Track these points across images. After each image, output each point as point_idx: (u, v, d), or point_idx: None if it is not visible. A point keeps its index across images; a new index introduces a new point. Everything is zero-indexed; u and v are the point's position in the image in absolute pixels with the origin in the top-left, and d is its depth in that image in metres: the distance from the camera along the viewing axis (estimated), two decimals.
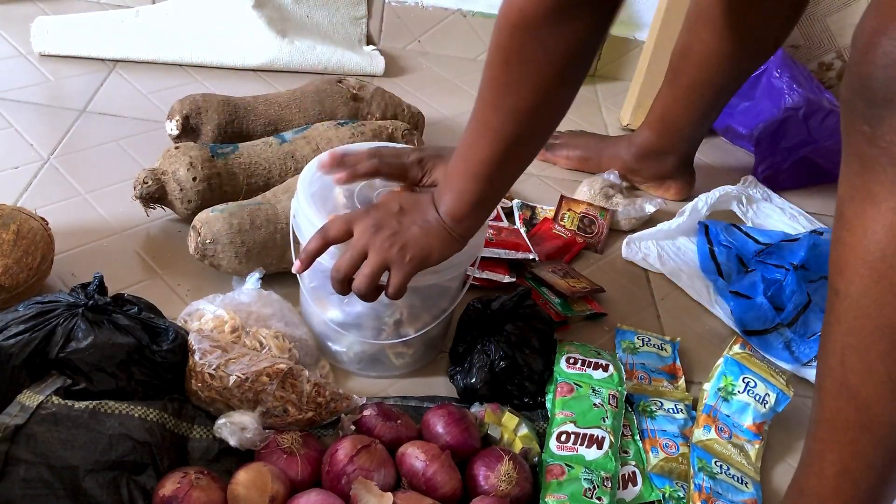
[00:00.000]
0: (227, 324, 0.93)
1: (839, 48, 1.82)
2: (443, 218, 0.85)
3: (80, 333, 0.81)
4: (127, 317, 0.85)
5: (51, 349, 0.81)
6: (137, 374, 0.83)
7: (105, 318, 0.84)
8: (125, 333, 0.83)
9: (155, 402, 0.84)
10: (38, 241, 0.95)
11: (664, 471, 0.93)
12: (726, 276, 1.25)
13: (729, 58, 1.24)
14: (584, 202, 1.33)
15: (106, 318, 0.84)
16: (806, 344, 1.13)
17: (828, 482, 0.76)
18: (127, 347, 0.82)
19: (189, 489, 0.75)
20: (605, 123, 1.65)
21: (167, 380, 0.86)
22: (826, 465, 0.76)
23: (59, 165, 1.22)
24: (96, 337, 0.81)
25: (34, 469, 0.74)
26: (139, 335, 0.84)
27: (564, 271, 1.18)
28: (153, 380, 0.85)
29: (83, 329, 0.82)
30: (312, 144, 1.17)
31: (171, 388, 0.87)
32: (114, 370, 0.82)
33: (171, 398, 0.86)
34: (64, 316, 0.82)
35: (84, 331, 0.81)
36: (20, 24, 1.48)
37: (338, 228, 0.85)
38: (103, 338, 0.82)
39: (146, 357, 0.84)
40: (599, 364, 1.00)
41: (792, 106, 1.55)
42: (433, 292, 0.95)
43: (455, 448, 0.86)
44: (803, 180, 1.56)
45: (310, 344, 0.99)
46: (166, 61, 1.50)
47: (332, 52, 1.60)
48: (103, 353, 0.81)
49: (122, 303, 0.88)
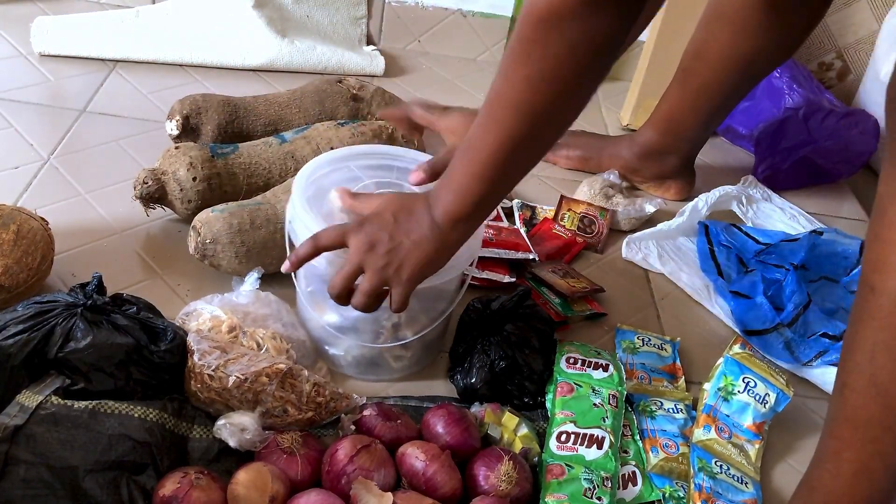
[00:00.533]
0: (225, 323, 0.93)
1: (839, 48, 1.82)
2: (438, 221, 0.83)
3: (79, 333, 0.81)
4: (125, 317, 0.85)
5: (49, 349, 0.81)
6: (136, 374, 0.83)
7: (104, 318, 0.84)
8: (123, 333, 0.83)
9: (155, 402, 0.84)
10: (38, 241, 0.95)
11: (664, 470, 0.93)
12: (726, 276, 1.25)
13: (745, 59, 1.23)
14: (584, 202, 1.33)
15: (104, 318, 0.84)
16: (806, 344, 1.12)
17: (843, 481, 0.76)
18: (126, 347, 0.82)
19: (189, 489, 0.75)
20: (605, 123, 1.65)
21: (165, 380, 0.86)
22: (843, 463, 0.76)
23: (59, 165, 1.22)
24: (95, 337, 0.81)
25: (34, 469, 0.74)
26: (138, 335, 0.84)
27: (564, 271, 1.18)
28: (152, 380, 0.84)
29: (82, 329, 0.82)
30: (312, 144, 1.17)
31: (169, 388, 0.86)
32: (112, 370, 0.82)
33: (170, 398, 0.85)
34: (63, 316, 0.82)
35: (83, 331, 0.81)
36: (20, 24, 1.48)
37: (330, 238, 0.84)
38: (102, 338, 0.82)
39: (145, 357, 0.84)
40: (599, 364, 1.00)
41: (792, 106, 1.55)
42: (430, 295, 0.95)
43: (455, 448, 0.86)
44: (803, 180, 1.56)
45: (307, 346, 0.98)
46: (166, 61, 1.50)
47: (332, 52, 1.60)
48: (101, 353, 0.81)
49: (121, 303, 0.88)
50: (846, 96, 1.80)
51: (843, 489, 0.76)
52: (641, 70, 1.57)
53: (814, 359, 1.11)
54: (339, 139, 1.18)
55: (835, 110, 1.53)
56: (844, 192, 1.59)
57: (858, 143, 1.54)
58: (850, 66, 1.83)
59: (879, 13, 1.74)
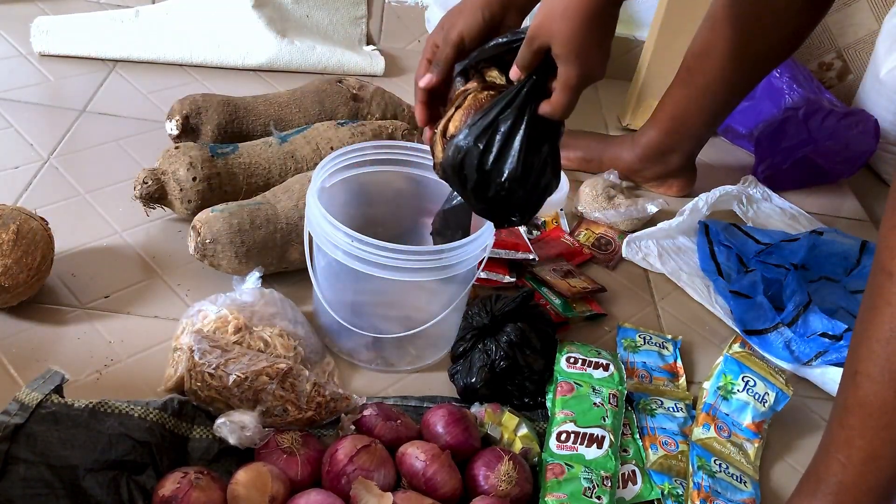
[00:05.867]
0: (231, 324, 0.93)
1: (839, 48, 1.82)
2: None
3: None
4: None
5: None
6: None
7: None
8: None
9: (155, 401, 0.84)
10: (38, 241, 0.95)
11: (663, 467, 0.93)
12: (726, 275, 1.25)
13: (753, 58, 1.24)
14: (605, 225, 1.32)
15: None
16: (806, 344, 1.12)
17: (853, 469, 0.76)
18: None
19: (189, 489, 0.75)
20: (606, 123, 1.65)
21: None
22: (854, 451, 0.76)
23: (59, 165, 1.22)
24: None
25: (34, 468, 0.74)
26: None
27: (565, 271, 1.18)
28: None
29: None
30: (312, 144, 1.17)
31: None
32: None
33: (170, 398, 0.86)
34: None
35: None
36: (20, 24, 1.48)
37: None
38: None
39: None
40: (600, 363, 1.00)
41: (792, 106, 1.55)
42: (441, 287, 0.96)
43: (455, 448, 0.86)
44: (803, 180, 1.56)
45: (314, 341, 0.99)
46: (166, 61, 1.50)
47: (332, 52, 1.61)
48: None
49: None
50: (846, 96, 1.80)
51: (853, 478, 0.76)
52: (641, 70, 1.57)
53: (814, 358, 1.11)
54: (339, 139, 1.18)
55: (835, 110, 1.53)
56: (844, 192, 1.59)
57: (858, 143, 1.54)
58: (850, 66, 1.83)
59: (879, 13, 1.74)
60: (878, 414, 0.73)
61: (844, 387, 0.77)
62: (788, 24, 1.21)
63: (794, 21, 1.21)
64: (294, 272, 1.08)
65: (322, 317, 1.02)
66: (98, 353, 0.95)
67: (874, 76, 1.66)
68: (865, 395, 0.74)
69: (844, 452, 0.76)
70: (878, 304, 0.72)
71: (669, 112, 1.36)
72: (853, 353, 0.76)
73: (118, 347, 0.96)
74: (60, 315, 0.99)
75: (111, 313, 1.00)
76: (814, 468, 0.82)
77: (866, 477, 0.75)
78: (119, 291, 1.03)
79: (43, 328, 0.97)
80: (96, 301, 1.01)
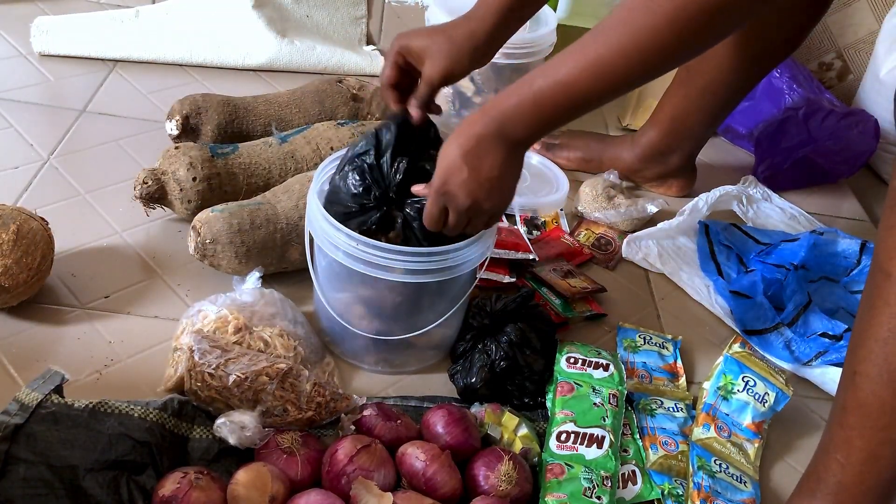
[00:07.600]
0: (231, 324, 0.93)
1: (839, 48, 1.82)
2: (498, 129, 0.81)
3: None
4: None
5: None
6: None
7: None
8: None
9: (155, 401, 0.84)
10: (38, 241, 0.95)
11: (663, 467, 0.93)
12: (726, 275, 1.25)
13: (753, 58, 1.24)
14: (605, 225, 1.32)
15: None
16: (806, 344, 1.12)
17: (852, 469, 0.76)
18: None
19: (189, 489, 0.75)
20: (606, 123, 1.65)
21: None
22: (853, 451, 0.76)
23: (59, 165, 1.22)
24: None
25: (34, 468, 0.74)
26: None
27: (565, 271, 1.18)
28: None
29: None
30: (312, 145, 1.17)
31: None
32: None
33: (170, 398, 0.86)
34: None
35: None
36: (20, 24, 1.48)
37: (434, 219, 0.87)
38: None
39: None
40: (600, 364, 1.00)
41: (792, 106, 1.55)
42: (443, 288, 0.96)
43: (455, 448, 0.86)
44: (803, 180, 1.56)
45: (314, 341, 0.99)
46: (166, 61, 1.50)
47: (332, 52, 1.61)
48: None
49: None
50: (846, 96, 1.80)
51: (852, 478, 0.76)
52: None
53: (814, 358, 1.11)
54: (339, 139, 1.18)
55: (835, 110, 1.53)
56: (844, 192, 1.59)
57: (858, 143, 1.54)
58: (850, 66, 1.83)
59: (879, 13, 1.74)
60: (876, 414, 0.73)
61: (843, 387, 0.77)
62: (788, 23, 1.21)
63: (794, 21, 1.21)
64: (294, 272, 1.08)
65: (323, 318, 1.02)
66: (98, 354, 0.95)
67: (874, 76, 1.66)
68: (864, 396, 0.74)
69: (844, 452, 0.77)
70: (877, 305, 0.73)
71: (669, 112, 1.36)
72: (852, 354, 0.76)
73: (118, 347, 0.96)
74: (60, 315, 0.99)
75: (111, 313, 1.00)
76: (813, 468, 0.82)
77: (865, 477, 0.75)
78: (119, 291, 1.03)
79: (43, 328, 0.97)
80: (96, 301, 1.01)
